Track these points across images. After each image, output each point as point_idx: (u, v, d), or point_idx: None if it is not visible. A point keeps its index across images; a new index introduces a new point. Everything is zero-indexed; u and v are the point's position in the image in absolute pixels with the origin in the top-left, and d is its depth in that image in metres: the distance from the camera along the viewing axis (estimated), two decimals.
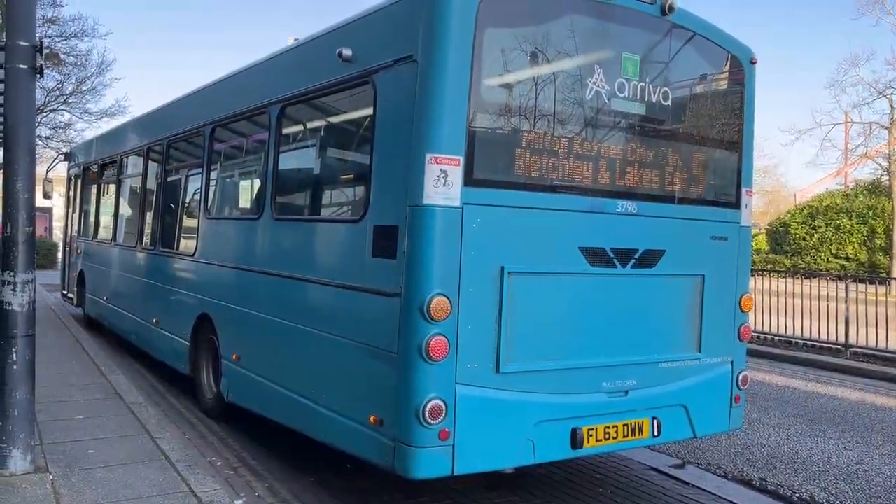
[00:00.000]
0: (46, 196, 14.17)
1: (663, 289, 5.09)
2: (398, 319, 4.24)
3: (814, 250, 29.53)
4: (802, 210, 31.35)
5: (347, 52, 4.87)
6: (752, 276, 14.58)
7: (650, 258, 4.95)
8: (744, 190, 5.58)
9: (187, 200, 8.45)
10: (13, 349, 4.76)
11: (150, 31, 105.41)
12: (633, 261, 4.87)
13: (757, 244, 35.05)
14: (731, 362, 5.46)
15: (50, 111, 26.98)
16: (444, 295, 4.13)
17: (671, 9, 4.93)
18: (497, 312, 4.34)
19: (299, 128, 6.24)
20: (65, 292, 14.47)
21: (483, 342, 4.31)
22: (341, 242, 5.11)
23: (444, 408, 4.12)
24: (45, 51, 4.87)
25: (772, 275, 14.41)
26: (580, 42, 4.73)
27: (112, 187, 11.64)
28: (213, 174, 7.53)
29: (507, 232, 4.41)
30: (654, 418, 4.95)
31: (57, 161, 15.63)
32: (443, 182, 4.16)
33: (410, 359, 4.15)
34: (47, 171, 14.15)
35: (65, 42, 25.57)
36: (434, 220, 4.17)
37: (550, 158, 4.56)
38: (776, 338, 12.57)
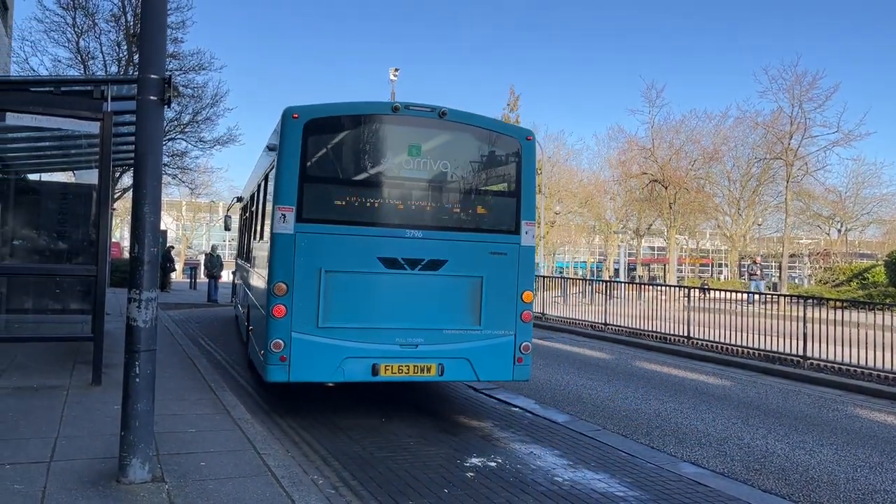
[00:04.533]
0: (227, 228, 19.29)
1: (446, 284, 7.95)
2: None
3: None
4: None
5: (272, 143, 8.39)
6: (871, 310, 13.75)
7: (434, 265, 7.88)
8: (524, 222, 8.28)
9: (256, 231, 11.45)
10: (136, 363, 5.03)
11: (259, 62, 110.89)
12: (420, 265, 7.83)
13: (874, 276, 32.93)
14: (514, 335, 8.13)
15: (169, 140, 28.71)
16: (283, 282, 7.48)
17: (444, 114, 8.03)
18: (317, 294, 7.52)
19: (268, 189, 9.16)
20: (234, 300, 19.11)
21: (309, 309, 7.50)
22: (265, 253, 8.37)
23: (282, 344, 7.41)
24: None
25: (893, 309, 13.49)
26: (376, 138, 8.13)
27: (244, 220, 15.84)
28: (260, 216, 10.66)
29: (325, 247, 7.61)
30: (439, 364, 7.83)
31: (234, 201, 19.75)
32: (283, 220, 7.54)
33: (268, 317, 7.52)
34: (228, 209, 18.98)
35: (183, 75, 27.23)
36: (277, 241, 7.57)
37: (355, 204, 7.86)
38: None
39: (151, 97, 5.05)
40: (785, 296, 17.38)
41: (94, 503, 4.59)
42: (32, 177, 16.31)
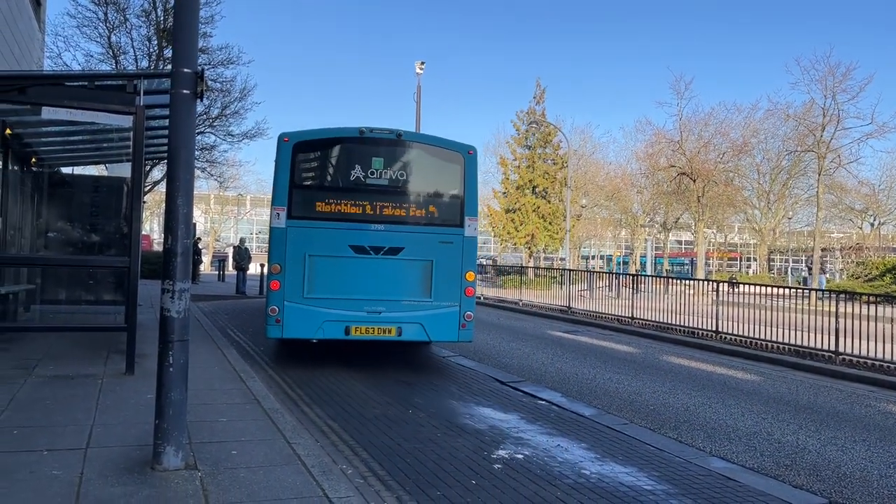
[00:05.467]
0: None
1: (403, 265, 10.23)
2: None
3: None
4: None
5: (275, 160, 10.31)
6: None
7: (393, 251, 10.16)
8: (467, 218, 10.53)
9: None
10: (170, 352, 5.11)
11: (286, 58, 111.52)
12: (382, 251, 10.12)
13: None
14: (459, 306, 10.37)
15: (198, 133, 28.97)
16: (278, 263, 9.87)
17: (400, 135, 10.46)
18: (303, 272, 9.89)
19: None
20: None
21: (297, 284, 9.88)
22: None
23: (277, 310, 9.82)
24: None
25: None
26: (348, 155, 10.47)
27: None
28: None
29: (310, 238, 9.95)
30: (398, 327, 10.10)
31: None
32: (277, 217, 9.95)
33: (267, 290, 10.12)
34: None
35: (212, 70, 27.46)
36: (274, 233, 10.04)
37: (332, 205, 10.14)
38: None
39: (184, 91, 5.12)
40: (816, 290, 17.13)
41: (130, 489, 4.68)
42: (66, 170, 16.60)
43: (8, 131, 10.88)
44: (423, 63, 34.66)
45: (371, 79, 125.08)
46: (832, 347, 12.97)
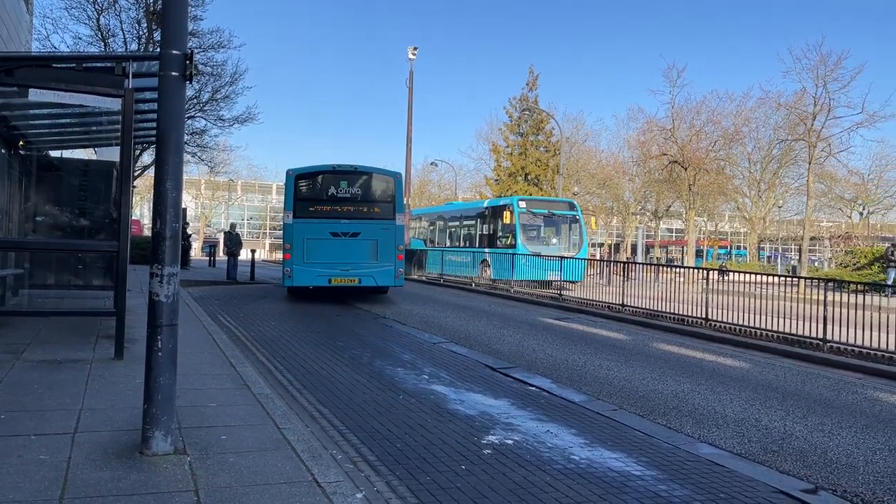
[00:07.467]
0: None
1: (360, 243, 18.26)
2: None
3: None
4: None
5: (284, 184, 19.13)
6: (892, 294, 13.53)
7: (354, 234, 18.26)
8: (397, 214, 18.69)
9: None
10: (158, 337, 5.08)
11: (279, 40, 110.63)
12: (348, 235, 18.20)
13: None
14: (394, 265, 18.47)
15: (188, 118, 28.75)
16: (289, 243, 18.13)
17: (356, 168, 18.81)
18: (303, 248, 17.99)
19: None
20: None
21: (300, 255, 17.98)
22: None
23: (289, 270, 17.98)
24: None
25: None
26: (326, 180, 18.67)
27: None
28: None
29: (306, 228, 18.05)
30: (359, 278, 18.20)
31: None
32: (288, 217, 18.23)
33: (283, 259, 18.67)
34: None
35: (202, 53, 27.23)
36: (286, 227, 18.38)
37: (318, 209, 18.32)
38: None
39: (173, 73, 5.06)
40: (804, 278, 17.22)
41: (119, 474, 4.67)
42: (54, 154, 16.44)
43: None
44: (415, 48, 34.48)
45: (362, 67, 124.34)
46: (820, 335, 13.06)
